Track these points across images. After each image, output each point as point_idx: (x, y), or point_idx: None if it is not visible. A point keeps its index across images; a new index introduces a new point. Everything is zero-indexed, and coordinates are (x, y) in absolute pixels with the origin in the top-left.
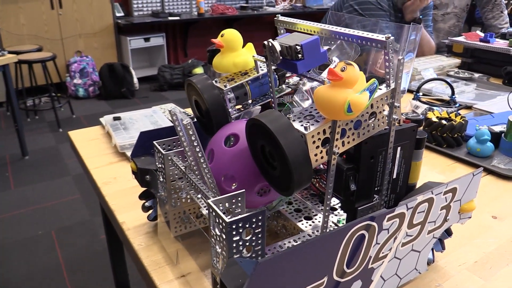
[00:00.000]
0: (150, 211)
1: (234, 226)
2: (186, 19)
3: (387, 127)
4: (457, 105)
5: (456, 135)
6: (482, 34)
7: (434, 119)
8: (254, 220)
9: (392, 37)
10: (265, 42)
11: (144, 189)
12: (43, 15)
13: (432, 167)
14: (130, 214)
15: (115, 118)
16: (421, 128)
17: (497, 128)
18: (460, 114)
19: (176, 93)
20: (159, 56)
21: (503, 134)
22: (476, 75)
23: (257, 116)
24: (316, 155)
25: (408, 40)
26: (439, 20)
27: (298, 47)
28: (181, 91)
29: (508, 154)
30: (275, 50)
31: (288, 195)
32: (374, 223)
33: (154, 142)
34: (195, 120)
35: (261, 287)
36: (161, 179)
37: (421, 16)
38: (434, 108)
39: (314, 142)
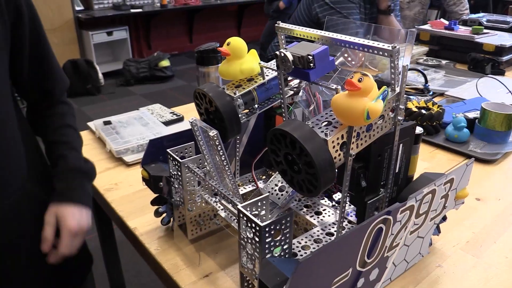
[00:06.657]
0: (163, 216)
1: (267, 229)
2: (149, 11)
3: (392, 127)
4: (430, 93)
5: (434, 123)
6: (446, 22)
7: (414, 109)
8: (283, 222)
9: (398, 46)
10: (277, 52)
11: (156, 195)
12: None
13: None
14: (140, 220)
15: (106, 123)
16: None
17: (471, 115)
18: (436, 103)
19: (143, 87)
20: (123, 50)
21: (477, 120)
22: (443, 61)
23: (279, 126)
24: (335, 158)
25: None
26: (404, 7)
27: (310, 57)
28: (148, 85)
29: (482, 139)
30: (287, 59)
31: (313, 196)
32: (390, 217)
33: (168, 150)
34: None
35: (301, 284)
36: (176, 185)
37: (392, 5)
38: (411, 97)
39: (333, 147)
